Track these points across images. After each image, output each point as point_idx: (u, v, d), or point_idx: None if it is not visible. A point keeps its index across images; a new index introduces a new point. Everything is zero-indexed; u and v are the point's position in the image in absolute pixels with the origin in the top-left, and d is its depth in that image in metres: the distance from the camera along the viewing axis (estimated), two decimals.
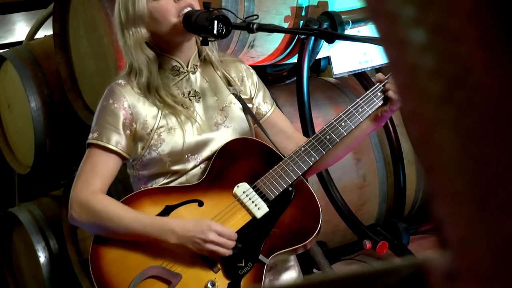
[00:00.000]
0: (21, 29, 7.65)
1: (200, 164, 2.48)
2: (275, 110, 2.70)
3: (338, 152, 2.63)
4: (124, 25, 2.48)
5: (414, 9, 0.49)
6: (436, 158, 0.51)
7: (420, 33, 0.49)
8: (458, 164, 0.50)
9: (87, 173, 2.43)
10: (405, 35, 0.49)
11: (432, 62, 0.49)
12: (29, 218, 4.80)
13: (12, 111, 4.97)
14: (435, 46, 0.49)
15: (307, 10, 3.31)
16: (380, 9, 0.51)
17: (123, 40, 2.50)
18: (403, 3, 0.49)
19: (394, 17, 0.49)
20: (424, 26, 0.49)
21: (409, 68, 0.50)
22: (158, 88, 2.47)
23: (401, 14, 0.49)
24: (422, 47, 0.49)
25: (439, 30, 0.48)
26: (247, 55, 3.36)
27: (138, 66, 2.47)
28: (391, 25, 0.50)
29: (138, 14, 2.44)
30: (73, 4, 4.21)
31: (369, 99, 2.54)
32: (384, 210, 3.88)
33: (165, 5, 2.43)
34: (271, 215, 2.45)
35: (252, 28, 2.42)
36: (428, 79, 0.49)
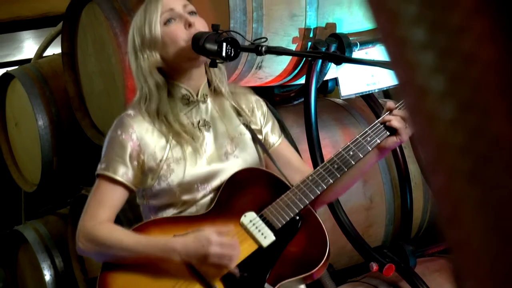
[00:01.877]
0: (29, 46, 7.69)
1: (209, 194, 2.48)
2: (283, 141, 2.70)
3: (346, 181, 2.61)
4: (138, 48, 2.49)
5: (433, 56, 0.49)
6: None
7: (440, 80, 0.49)
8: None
9: (94, 204, 2.44)
10: (425, 84, 0.49)
11: (452, 112, 0.49)
12: (35, 236, 4.80)
13: (19, 129, 4.98)
14: (455, 93, 0.49)
15: (315, 31, 3.32)
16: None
17: (136, 64, 2.51)
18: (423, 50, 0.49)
19: (414, 65, 0.49)
20: (444, 73, 0.49)
21: (428, 116, 0.50)
22: (166, 114, 2.48)
23: (421, 62, 0.49)
24: (441, 95, 0.49)
25: (457, 78, 0.48)
26: (254, 76, 3.37)
27: (148, 91, 2.47)
28: (412, 72, 0.50)
29: (152, 38, 2.46)
30: (81, 23, 4.23)
31: (378, 129, 2.53)
32: (390, 232, 3.87)
33: (175, 31, 2.44)
34: (277, 244, 2.44)
35: (260, 51, 2.42)
36: (449, 129, 0.49)
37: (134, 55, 2.52)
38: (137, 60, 2.51)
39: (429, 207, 4.04)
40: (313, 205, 2.53)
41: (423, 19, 0.48)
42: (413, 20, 0.49)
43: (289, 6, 3.24)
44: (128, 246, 2.36)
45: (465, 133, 0.49)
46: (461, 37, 0.48)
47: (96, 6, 3.98)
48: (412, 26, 0.49)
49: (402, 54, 0.50)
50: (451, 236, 0.53)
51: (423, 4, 0.48)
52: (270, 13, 3.19)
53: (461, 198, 0.50)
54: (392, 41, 0.51)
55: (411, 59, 0.50)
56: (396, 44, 0.51)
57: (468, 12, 0.47)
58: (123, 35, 3.76)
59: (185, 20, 2.46)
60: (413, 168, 3.85)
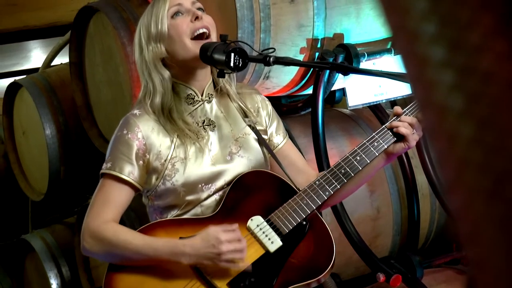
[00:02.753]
0: (36, 56, 7.71)
1: (214, 195, 2.48)
2: (288, 142, 2.70)
3: (352, 186, 2.62)
4: (144, 42, 2.51)
5: (453, 74, 0.49)
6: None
7: (459, 99, 0.49)
8: None
9: (99, 203, 2.43)
10: (444, 102, 0.49)
11: (471, 130, 0.49)
12: (42, 245, 4.80)
13: (27, 138, 4.99)
14: (474, 112, 0.49)
15: (322, 42, 3.32)
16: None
17: (140, 58, 2.53)
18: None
19: (433, 84, 0.50)
20: (463, 92, 0.49)
21: (448, 135, 0.50)
22: (171, 110, 2.48)
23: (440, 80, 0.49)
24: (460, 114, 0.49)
25: (476, 96, 0.48)
26: (262, 86, 3.37)
27: (152, 85, 2.48)
28: (431, 90, 0.50)
29: (159, 32, 2.47)
30: (89, 33, 4.24)
31: (385, 134, 2.54)
32: (397, 242, 3.86)
33: (181, 24, 2.47)
34: (284, 249, 2.44)
35: (268, 61, 2.42)
36: (468, 147, 0.49)
37: (139, 49, 2.53)
38: (142, 53, 2.52)
39: (436, 218, 4.03)
40: (319, 209, 2.53)
41: (443, 38, 0.49)
42: (432, 39, 0.49)
43: (297, 16, 3.24)
44: (136, 247, 2.35)
45: (485, 151, 0.49)
46: (480, 56, 0.48)
47: (104, 15, 3.99)
48: (432, 44, 0.49)
49: (421, 72, 0.51)
50: (471, 253, 0.53)
51: (442, 23, 0.48)
52: (278, 23, 3.20)
53: (481, 216, 0.50)
54: (412, 59, 0.51)
55: (431, 77, 0.50)
56: (416, 63, 0.51)
57: (487, 32, 0.47)
58: (131, 45, 3.76)
59: (193, 13, 2.47)
60: (420, 178, 3.84)
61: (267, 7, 3.16)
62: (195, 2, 2.54)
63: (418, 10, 0.48)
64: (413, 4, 0.48)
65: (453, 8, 0.47)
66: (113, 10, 3.95)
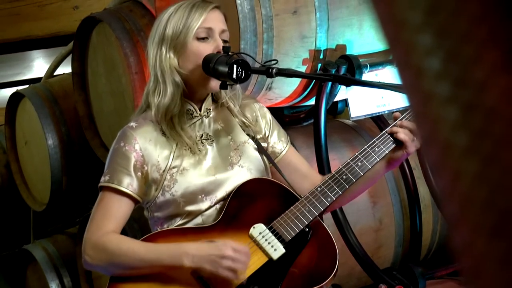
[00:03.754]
0: (39, 65, 7.72)
1: (215, 205, 2.48)
2: (290, 148, 2.70)
3: (354, 192, 2.65)
4: (166, 43, 2.48)
5: (457, 110, 0.49)
6: None
7: (463, 136, 0.49)
8: None
9: (99, 216, 2.43)
10: (449, 139, 0.49)
11: (476, 167, 0.49)
12: (44, 255, 4.80)
13: (29, 148, 5.00)
14: (478, 149, 0.49)
15: (325, 53, 3.32)
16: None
17: (156, 54, 2.49)
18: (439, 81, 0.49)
19: (438, 120, 0.49)
20: (468, 129, 0.49)
21: (453, 172, 0.50)
22: (173, 116, 2.48)
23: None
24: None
25: (480, 133, 0.48)
26: (264, 97, 3.37)
27: (163, 86, 2.46)
28: (436, 127, 0.50)
29: (182, 43, 2.45)
30: (92, 43, 4.25)
31: (385, 139, 2.55)
32: (400, 253, 3.85)
33: (203, 50, 2.45)
34: (287, 256, 2.44)
35: (271, 73, 2.42)
36: (473, 184, 0.49)
37: (158, 45, 2.50)
38: (159, 51, 2.49)
39: (438, 229, 4.03)
40: (321, 215, 2.53)
41: (447, 74, 0.49)
42: (437, 74, 0.49)
43: (299, 27, 3.24)
44: (138, 254, 2.34)
45: (489, 189, 0.49)
46: (485, 93, 0.48)
47: (107, 26, 4.00)
48: (437, 81, 0.49)
49: (426, 108, 0.51)
50: (472, 286, 0.53)
51: (447, 59, 0.48)
52: (281, 34, 3.20)
53: (484, 252, 0.50)
54: (417, 95, 0.51)
55: (436, 113, 0.50)
56: (420, 98, 0.51)
57: (492, 68, 0.47)
58: (134, 55, 3.78)
59: (217, 46, 2.46)
60: (422, 189, 3.84)
61: (270, 18, 3.16)
62: (224, 31, 2.50)
63: (423, 45, 0.48)
64: (418, 39, 0.48)
65: (458, 44, 0.47)
66: (116, 21, 3.96)
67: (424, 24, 0.47)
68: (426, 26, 0.47)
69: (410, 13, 0.47)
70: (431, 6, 0.47)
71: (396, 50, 0.51)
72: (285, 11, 3.21)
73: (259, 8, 3.15)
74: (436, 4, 0.47)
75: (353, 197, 2.71)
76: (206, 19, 2.47)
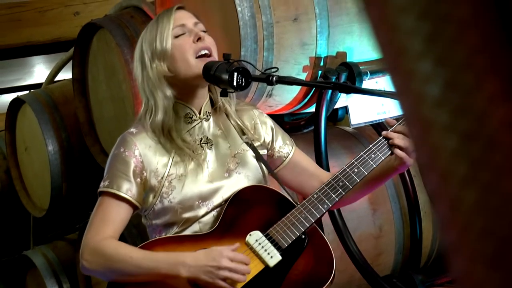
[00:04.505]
0: (39, 71, 7.72)
1: (212, 211, 2.48)
2: (296, 150, 2.72)
3: (353, 197, 2.69)
4: (147, 59, 2.51)
5: (457, 139, 0.49)
6: None
7: (462, 164, 0.49)
8: None
9: (98, 221, 2.43)
10: (448, 167, 0.49)
11: (474, 197, 0.49)
12: (43, 262, 4.80)
13: (29, 154, 4.99)
14: (477, 179, 0.49)
15: (325, 60, 3.33)
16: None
17: (142, 75, 2.53)
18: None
19: (438, 148, 0.50)
20: (467, 158, 0.48)
21: (452, 201, 0.50)
22: (170, 129, 2.49)
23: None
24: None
25: (479, 163, 0.48)
26: (265, 104, 3.38)
27: (154, 102, 2.48)
28: (436, 155, 0.50)
29: (163, 50, 2.47)
30: (92, 49, 4.25)
31: (382, 145, 2.56)
32: (400, 261, 3.85)
33: (184, 44, 2.48)
34: (284, 263, 2.44)
35: (271, 81, 2.43)
36: (471, 213, 0.49)
37: (141, 66, 2.53)
38: (144, 70, 2.52)
39: (438, 237, 4.02)
40: (318, 222, 2.54)
41: (447, 102, 0.49)
42: (436, 102, 0.49)
43: (300, 34, 3.25)
44: (136, 261, 2.34)
45: (488, 217, 0.49)
46: (484, 122, 0.48)
47: (108, 32, 4.00)
48: (436, 108, 0.49)
49: (425, 136, 0.51)
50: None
51: (446, 88, 0.49)
52: (281, 41, 3.20)
53: (482, 281, 0.50)
54: (416, 123, 0.51)
55: (435, 142, 0.50)
56: (420, 127, 0.51)
57: (491, 97, 0.47)
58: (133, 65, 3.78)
59: (195, 34, 2.49)
60: (422, 197, 3.84)
61: (270, 25, 3.17)
62: (198, 23, 2.55)
63: (422, 73, 0.48)
64: (418, 67, 0.48)
65: (457, 73, 0.48)
66: (117, 27, 3.96)
67: (424, 52, 0.48)
68: (426, 54, 0.47)
69: (410, 40, 0.48)
70: (431, 34, 0.47)
71: (396, 79, 0.51)
72: (285, 18, 3.22)
73: (260, 15, 3.15)
74: (436, 32, 0.47)
75: (354, 200, 2.73)
76: (175, 19, 2.52)
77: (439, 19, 0.46)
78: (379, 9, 0.49)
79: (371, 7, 0.50)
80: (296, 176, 2.67)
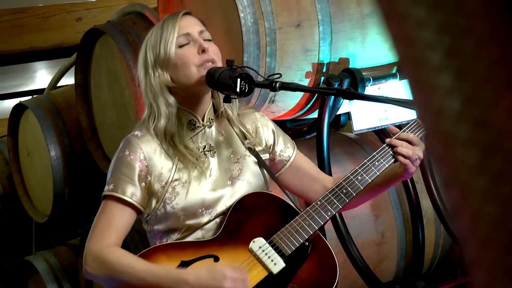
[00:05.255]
0: (42, 76, 7.73)
1: (215, 219, 2.47)
2: (298, 153, 2.72)
3: (357, 202, 2.69)
4: (150, 65, 2.50)
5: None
6: None
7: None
8: None
9: (101, 226, 2.42)
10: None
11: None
12: (45, 267, 4.80)
13: (32, 160, 4.99)
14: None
15: (328, 66, 3.33)
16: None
17: (145, 80, 2.52)
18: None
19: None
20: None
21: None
22: (173, 135, 2.48)
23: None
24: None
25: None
26: (267, 110, 3.38)
27: (157, 109, 2.48)
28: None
29: (166, 58, 2.46)
30: (95, 55, 4.26)
31: (385, 153, 2.56)
32: (402, 267, 3.85)
33: (188, 54, 2.46)
34: (287, 270, 2.43)
35: (274, 87, 2.43)
36: (492, 227, 0.49)
37: (144, 71, 2.53)
38: (147, 76, 2.51)
39: (441, 243, 4.02)
40: (321, 229, 2.54)
41: (467, 116, 0.49)
42: (457, 116, 0.49)
43: (303, 40, 3.25)
44: (138, 273, 2.33)
45: (500, 205, 0.49)
46: (505, 137, 0.48)
47: (110, 38, 4.01)
48: (457, 122, 0.49)
49: (447, 151, 0.51)
50: None
51: (466, 101, 0.49)
52: (284, 47, 3.20)
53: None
54: (438, 137, 0.51)
55: (457, 156, 0.50)
56: (441, 140, 0.51)
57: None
58: (137, 68, 3.78)
59: (199, 45, 2.47)
60: (425, 203, 3.84)
61: (273, 31, 3.17)
62: (203, 31, 2.53)
63: (443, 87, 0.48)
64: (439, 82, 0.48)
65: (477, 87, 0.48)
66: (119, 33, 3.97)
67: (443, 65, 0.48)
68: (446, 67, 0.48)
69: (430, 53, 0.48)
70: (450, 48, 0.47)
71: (417, 92, 0.51)
72: (288, 25, 3.22)
73: (263, 21, 3.15)
74: (455, 47, 0.47)
75: (356, 206, 2.75)
76: (180, 27, 2.50)
77: (458, 33, 0.46)
78: (399, 26, 0.49)
79: (391, 23, 0.50)
80: (298, 180, 2.67)
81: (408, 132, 2.58)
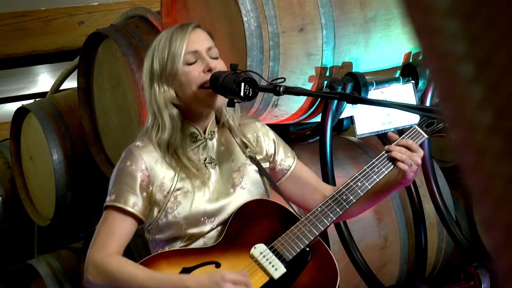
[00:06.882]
0: (44, 80, 7.74)
1: (217, 227, 2.48)
2: (298, 163, 2.72)
3: (358, 210, 2.69)
4: (156, 78, 2.49)
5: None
6: None
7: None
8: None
9: (103, 236, 2.43)
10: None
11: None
12: (48, 270, 4.80)
13: (34, 163, 5.00)
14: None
15: (331, 70, 3.33)
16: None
17: (150, 92, 2.52)
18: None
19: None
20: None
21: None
22: (176, 148, 2.49)
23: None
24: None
25: None
26: (270, 114, 3.38)
27: (161, 121, 2.48)
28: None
29: (172, 73, 2.46)
30: (98, 59, 4.26)
31: (384, 159, 2.57)
32: (405, 271, 3.85)
33: (193, 72, 2.45)
34: (288, 276, 2.44)
35: (278, 91, 2.43)
36: None
37: (150, 82, 2.52)
38: (152, 88, 2.51)
39: (443, 247, 4.02)
40: (322, 235, 2.54)
41: (500, 130, 0.49)
42: (489, 130, 0.49)
43: (306, 45, 3.25)
44: (139, 281, 2.33)
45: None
46: None
47: (113, 42, 4.01)
48: (489, 137, 0.49)
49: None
50: None
51: (498, 114, 0.48)
52: (287, 51, 3.21)
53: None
54: (469, 152, 0.51)
55: (489, 169, 0.50)
56: (473, 153, 0.51)
57: None
58: (140, 72, 3.78)
59: (206, 64, 2.46)
60: (428, 207, 3.84)
61: (276, 35, 3.17)
62: (211, 48, 2.51)
63: (474, 100, 0.48)
64: (470, 94, 0.48)
65: (510, 100, 0.48)
66: (122, 37, 3.97)
67: (475, 78, 0.48)
68: (477, 79, 0.47)
69: (462, 65, 0.48)
70: (483, 59, 0.47)
71: (448, 106, 0.51)
72: (291, 29, 3.22)
73: (266, 26, 3.16)
74: (487, 58, 0.47)
75: (358, 213, 2.74)
76: (189, 43, 2.48)
77: (491, 45, 0.46)
78: (429, 38, 0.49)
79: (422, 36, 0.50)
80: (298, 189, 2.67)
81: (407, 139, 2.59)
